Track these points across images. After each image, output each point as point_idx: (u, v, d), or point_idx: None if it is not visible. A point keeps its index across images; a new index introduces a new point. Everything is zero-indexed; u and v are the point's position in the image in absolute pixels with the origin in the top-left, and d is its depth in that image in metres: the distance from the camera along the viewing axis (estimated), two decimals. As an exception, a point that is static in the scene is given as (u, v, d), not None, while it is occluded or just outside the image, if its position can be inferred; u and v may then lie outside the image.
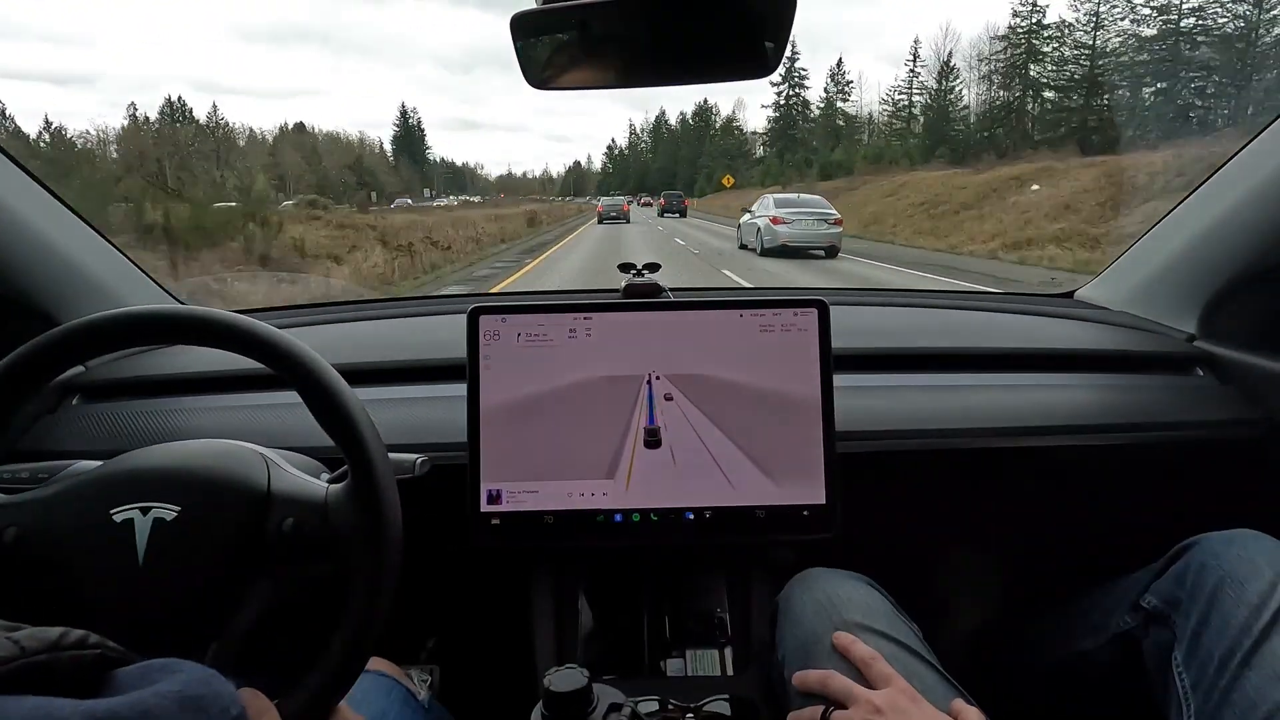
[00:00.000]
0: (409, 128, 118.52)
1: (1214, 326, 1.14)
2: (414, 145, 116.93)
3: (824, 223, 13.86)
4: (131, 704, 0.35)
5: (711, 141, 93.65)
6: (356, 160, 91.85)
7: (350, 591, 0.61)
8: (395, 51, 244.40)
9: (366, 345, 1.20)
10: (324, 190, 67.79)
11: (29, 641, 0.36)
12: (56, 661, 0.36)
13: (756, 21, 0.68)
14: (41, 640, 0.36)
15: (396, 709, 0.80)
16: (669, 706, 0.82)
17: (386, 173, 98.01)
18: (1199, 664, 0.73)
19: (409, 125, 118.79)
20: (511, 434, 0.90)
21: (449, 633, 1.26)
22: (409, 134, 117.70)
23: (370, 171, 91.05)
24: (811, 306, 0.91)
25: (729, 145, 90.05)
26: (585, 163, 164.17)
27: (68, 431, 0.99)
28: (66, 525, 0.62)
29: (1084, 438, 1.02)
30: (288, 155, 79.82)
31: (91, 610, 0.59)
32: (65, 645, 0.37)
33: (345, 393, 0.64)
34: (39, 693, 0.33)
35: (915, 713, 0.67)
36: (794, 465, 0.90)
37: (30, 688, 0.34)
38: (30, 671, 0.35)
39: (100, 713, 0.34)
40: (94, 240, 1.14)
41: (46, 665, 0.35)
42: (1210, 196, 1.12)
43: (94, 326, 0.63)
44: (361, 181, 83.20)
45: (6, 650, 0.35)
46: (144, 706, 0.36)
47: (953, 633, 1.20)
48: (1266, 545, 0.77)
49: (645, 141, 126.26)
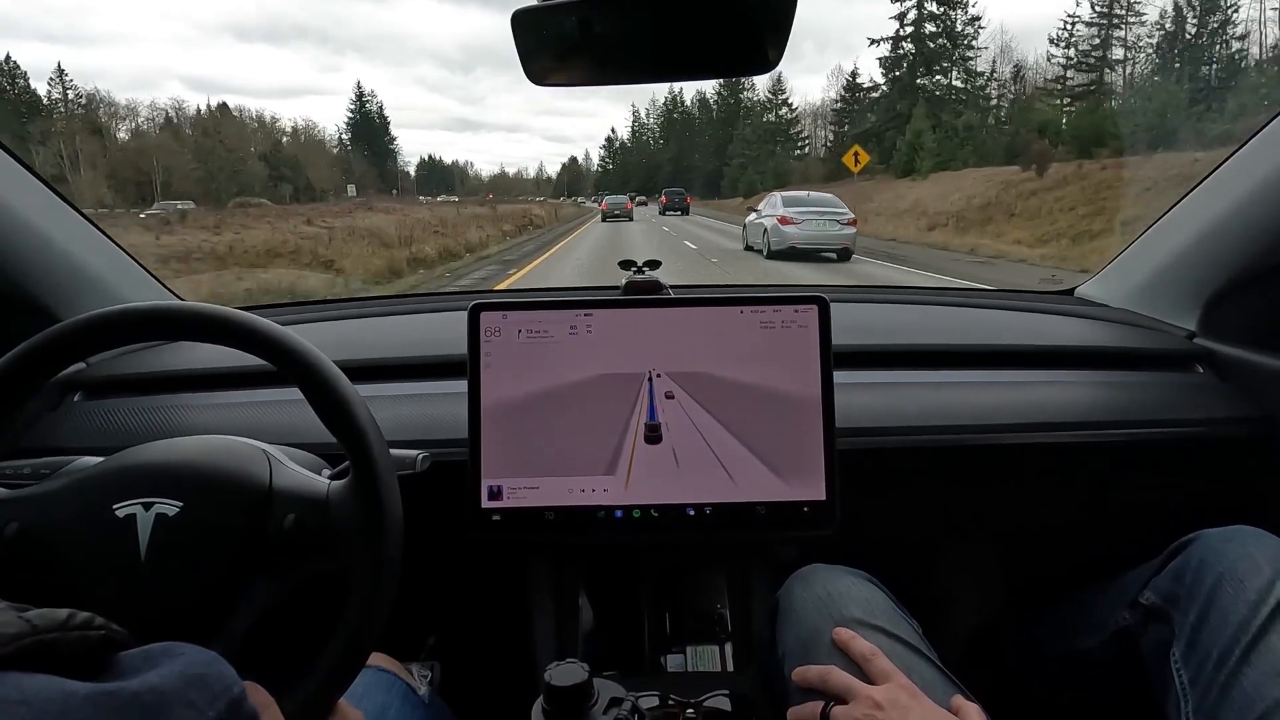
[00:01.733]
0: (367, 115, 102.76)
1: (1214, 324, 1.14)
2: (374, 135, 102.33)
3: (836, 223, 12.99)
4: (143, 685, 0.36)
5: (746, 123, 75.28)
6: (274, 148, 77.84)
7: (351, 587, 0.61)
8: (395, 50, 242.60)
9: (368, 342, 1.20)
10: (217, 189, 56.86)
11: (39, 620, 0.36)
12: (63, 641, 0.37)
13: (757, 17, 0.68)
14: (50, 620, 0.37)
15: (397, 705, 0.80)
16: (669, 702, 0.82)
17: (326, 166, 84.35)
18: (1198, 660, 0.73)
19: (366, 112, 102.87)
20: (512, 430, 0.90)
21: (450, 628, 1.26)
22: (367, 122, 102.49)
23: (293, 163, 76.84)
24: (812, 303, 0.91)
25: (771, 126, 71.77)
26: (583, 159, 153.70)
27: (69, 428, 1.00)
28: (68, 520, 0.62)
29: (1084, 434, 1.02)
30: (168, 144, 64.56)
31: (92, 606, 0.60)
32: (72, 626, 0.37)
33: (346, 388, 0.64)
34: (46, 671, 0.34)
35: (915, 708, 0.67)
36: (794, 461, 0.90)
37: (38, 666, 0.34)
38: (39, 649, 0.35)
39: (116, 692, 0.35)
40: (94, 236, 1.14)
41: (54, 644, 0.36)
42: (1211, 194, 1.12)
43: (95, 323, 0.63)
44: (279, 176, 71.06)
45: (19, 627, 0.35)
46: (157, 687, 0.37)
47: (952, 629, 1.21)
48: (1266, 542, 0.78)
49: (652, 131, 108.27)
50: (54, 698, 0.33)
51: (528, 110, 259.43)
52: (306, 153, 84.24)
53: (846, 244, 13.07)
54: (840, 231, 12.98)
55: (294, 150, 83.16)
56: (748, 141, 70.94)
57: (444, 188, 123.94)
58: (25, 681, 0.33)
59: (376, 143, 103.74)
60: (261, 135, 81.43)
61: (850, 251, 13.20)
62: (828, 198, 14.60)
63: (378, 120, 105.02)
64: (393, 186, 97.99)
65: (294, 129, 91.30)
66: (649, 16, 0.70)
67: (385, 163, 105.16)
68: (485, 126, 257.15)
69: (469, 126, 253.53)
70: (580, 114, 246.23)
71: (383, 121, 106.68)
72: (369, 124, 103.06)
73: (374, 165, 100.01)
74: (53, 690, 0.33)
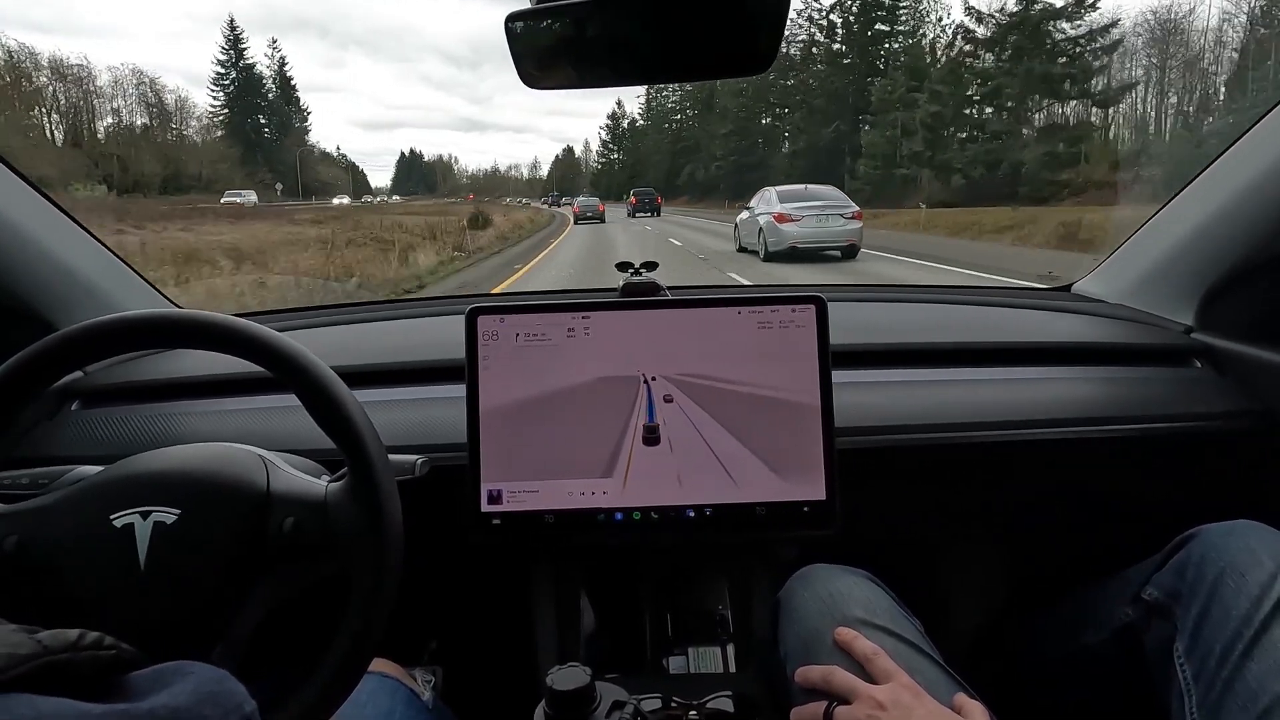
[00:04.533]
0: (252, 80, 68.75)
1: (1211, 319, 1.14)
2: (270, 106, 71.02)
3: (840, 218, 11.66)
4: (156, 704, 0.36)
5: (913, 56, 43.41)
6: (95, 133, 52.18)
7: (352, 591, 0.61)
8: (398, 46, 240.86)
9: (365, 347, 1.20)
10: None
11: (50, 641, 0.36)
12: (74, 662, 0.37)
13: (751, 17, 0.68)
14: (62, 640, 0.37)
15: (401, 710, 0.80)
16: (672, 704, 0.82)
17: (145, 148, 58.26)
18: (1200, 655, 0.73)
19: (252, 77, 68.47)
20: (511, 434, 0.90)
21: (452, 633, 1.26)
22: (252, 89, 69.21)
23: (143, 151, 53.81)
24: (809, 303, 0.91)
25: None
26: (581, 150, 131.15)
27: (67, 437, 0.99)
28: (67, 533, 0.62)
29: (1083, 430, 1.02)
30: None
31: (94, 616, 0.60)
32: (83, 646, 0.37)
33: (343, 392, 0.64)
34: (56, 692, 0.34)
35: (918, 708, 0.67)
36: (794, 462, 0.90)
37: (50, 687, 0.34)
38: (50, 670, 0.35)
39: (129, 711, 0.35)
40: (90, 245, 1.14)
41: (65, 665, 0.36)
42: (1207, 189, 1.12)
43: (92, 332, 0.63)
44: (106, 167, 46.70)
45: (30, 648, 0.35)
46: (170, 705, 0.37)
47: (954, 627, 1.21)
48: (1266, 536, 0.78)
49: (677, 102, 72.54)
50: (69, 718, 0.33)
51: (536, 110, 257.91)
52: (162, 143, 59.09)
53: (853, 240, 11.81)
54: (845, 227, 11.72)
55: (131, 140, 59.15)
56: (939, 96, 35.43)
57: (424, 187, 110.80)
58: (40, 703, 0.33)
59: (274, 116, 71.43)
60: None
61: (857, 248, 12.00)
62: (827, 190, 13.22)
63: (276, 83, 71.19)
64: (301, 183, 67.78)
65: (160, 101, 64.25)
66: (643, 18, 0.70)
67: (277, 149, 70.33)
68: (492, 127, 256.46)
69: (475, 126, 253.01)
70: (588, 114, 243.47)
71: (285, 88, 71.27)
72: (252, 91, 69.94)
73: (264, 150, 68.89)
74: (67, 711, 0.33)
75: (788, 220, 11.57)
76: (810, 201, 11.97)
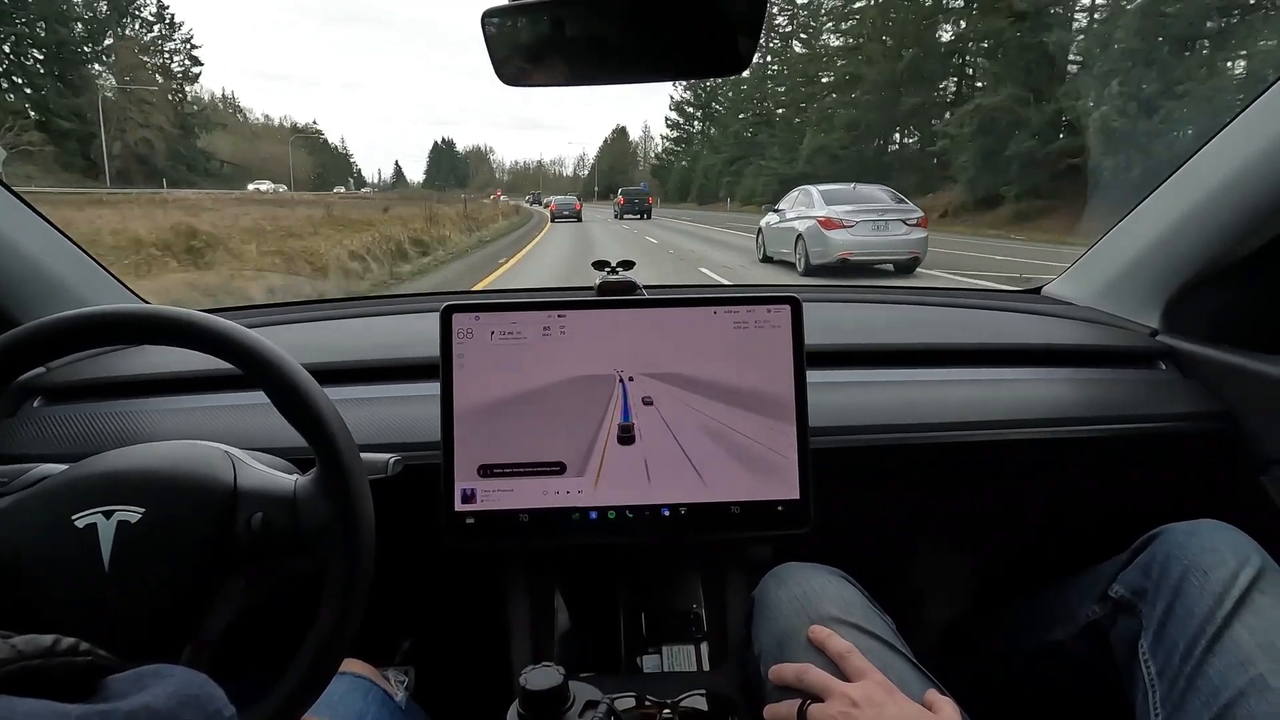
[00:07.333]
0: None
1: (1176, 321, 1.17)
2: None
3: (901, 224, 9.61)
4: (135, 705, 0.36)
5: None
6: None
7: (324, 587, 0.60)
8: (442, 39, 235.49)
9: (336, 345, 1.18)
10: None
11: (25, 645, 0.36)
12: (49, 668, 0.36)
13: (729, 17, 0.68)
14: (36, 645, 0.36)
15: (374, 710, 0.80)
16: (646, 703, 0.82)
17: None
18: (1165, 652, 0.74)
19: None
20: (486, 432, 0.89)
21: (425, 633, 1.25)
22: None
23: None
24: (784, 303, 0.91)
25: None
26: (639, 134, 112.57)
27: (29, 435, 0.97)
28: (27, 535, 0.60)
29: (1051, 431, 1.04)
30: None
31: (59, 619, 0.58)
32: (59, 652, 0.37)
33: (311, 388, 0.63)
34: (33, 696, 0.34)
35: (890, 705, 0.68)
36: (768, 461, 0.90)
37: (25, 692, 0.34)
38: (26, 675, 0.35)
39: (109, 713, 0.35)
40: (56, 239, 1.12)
41: (40, 670, 0.36)
42: (1173, 194, 1.15)
43: (56, 327, 0.62)
44: None
45: (4, 652, 0.35)
46: (150, 706, 0.36)
47: (926, 625, 1.22)
48: (1229, 535, 0.79)
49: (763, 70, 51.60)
50: (45, 718, 0.32)
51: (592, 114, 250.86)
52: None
53: (915, 252, 9.72)
54: (907, 236, 9.63)
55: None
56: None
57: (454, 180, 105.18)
58: (16, 704, 0.32)
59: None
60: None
61: (919, 261, 9.80)
62: (880, 191, 10.98)
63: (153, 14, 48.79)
64: (190, 164, 51.14)
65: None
66: (621, 17, 0.70)
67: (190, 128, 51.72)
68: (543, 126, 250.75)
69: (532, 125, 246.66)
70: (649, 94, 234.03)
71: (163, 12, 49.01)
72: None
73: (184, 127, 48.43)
74: (45, 712, 0.32)
75: (836, 226, 9.51)
76: (863, 203, 9.92)
